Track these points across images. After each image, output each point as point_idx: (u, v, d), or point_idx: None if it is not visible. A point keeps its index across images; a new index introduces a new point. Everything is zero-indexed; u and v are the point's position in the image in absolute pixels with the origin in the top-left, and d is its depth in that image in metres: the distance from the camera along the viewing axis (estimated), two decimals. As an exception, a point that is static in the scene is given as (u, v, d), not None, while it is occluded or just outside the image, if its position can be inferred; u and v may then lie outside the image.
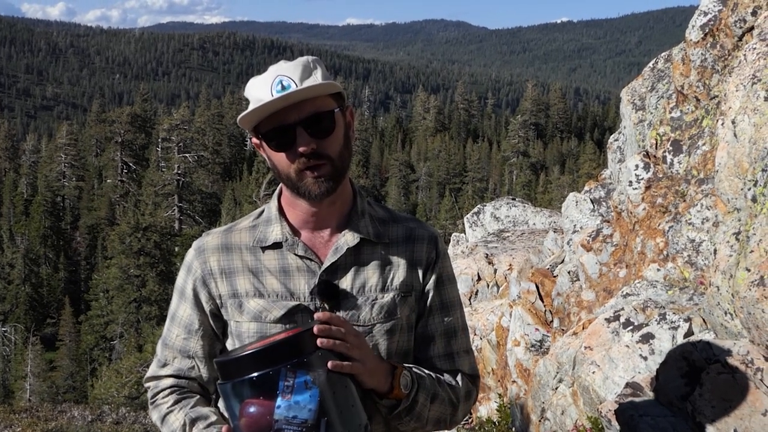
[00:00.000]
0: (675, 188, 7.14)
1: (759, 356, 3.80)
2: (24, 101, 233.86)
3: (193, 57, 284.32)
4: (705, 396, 3.68)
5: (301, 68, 2.58)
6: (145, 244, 54.23)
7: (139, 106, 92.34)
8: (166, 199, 68.22)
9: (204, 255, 2.73)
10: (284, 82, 2.53)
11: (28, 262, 63.95)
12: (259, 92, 2.55)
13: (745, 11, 6.69)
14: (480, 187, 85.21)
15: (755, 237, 4.30)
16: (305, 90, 2.50)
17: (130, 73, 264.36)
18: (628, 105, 8.72)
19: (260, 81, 2.58)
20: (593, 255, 8.10)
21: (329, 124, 2.57)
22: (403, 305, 2.67)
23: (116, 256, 55.15)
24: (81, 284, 67.13)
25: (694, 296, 6.06)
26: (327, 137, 2.56)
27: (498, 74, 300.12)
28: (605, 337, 6.03)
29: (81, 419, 18.37)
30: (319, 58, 2.69)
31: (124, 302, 53.28)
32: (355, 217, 2.70)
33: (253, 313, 2.63)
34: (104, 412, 19.84)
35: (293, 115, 2.53)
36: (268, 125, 2.56)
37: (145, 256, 53.90)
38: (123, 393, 31.78)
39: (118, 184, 75.94)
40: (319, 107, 2.56)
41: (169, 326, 2.78)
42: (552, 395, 6.85)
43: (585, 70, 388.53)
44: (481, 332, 9.99)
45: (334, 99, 2.61)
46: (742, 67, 5.04)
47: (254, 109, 2.50)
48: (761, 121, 4.72)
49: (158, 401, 2.72)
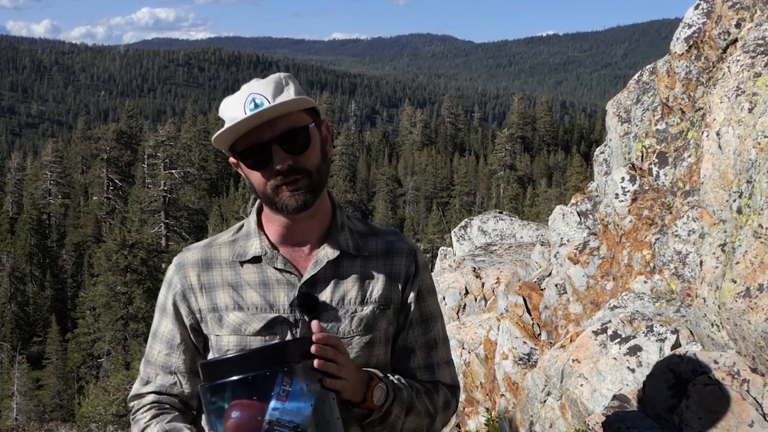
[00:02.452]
0: (661, 200, 7.16)
1: (745, 367, 3.81)
2: (9, 119, 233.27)
3: (178, 73, 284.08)
4: (692, 408, 3.69)
5: (273, 85, 2.59)
6: (131, 261, 54.11)
7: (125, 122, 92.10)
8: (153, 215, 68.10)
9: (184, 270, 2.74)
10: (257, 99, 2.53)
11: (14, 280, 63.71)
12: (232, 112, 2.56)
13: (729, 23, 6.73)
14: (467, 201, 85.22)
15: (741, 248, 4.31)
16: (278, 107, 2.51)
17: (116, 89, 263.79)
18: (613, 117, 8.75)
19: (233, 100, 2.59)
20: (580, 268, 8.11)
21: (304, 139, 2.58)
22: (382, 318, 2.68)
23: (103, 274, 54.99)
24: (67, 302, 66.89)
25: (681, 308, 6.08)
26: (303, 152, 2.58)
27: (484, 88, 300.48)
28: (593, 350, 6.04)
29: (68, 438, 18.31)
30: (306, 72, 2.70)
31: (111, 320, 53.12)
32: (334, 230, 2.71)
33: (232, 326, 2.64)
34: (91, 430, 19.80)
35: (268, 133, 2.54)
36: (244, 144, 2.57)
37: (131, 273, 53.78)
38: (110, 411, 31.66)
39: (104, 201, 75.80)
40: (293, 123, 2.57)
41: (151, 343, 2.78)
42: (540, 408, 6.85)
43: (571, 83, 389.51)
44: (469, 346, 9.98)
45: (308, 114, 2.62)
46: (727, 79, 5.07)
47: (228, 128, 2.52)
48: (745, 132, 4.74)
49: (137, 417, 2.73)
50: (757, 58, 4.93)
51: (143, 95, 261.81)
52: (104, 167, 77.06)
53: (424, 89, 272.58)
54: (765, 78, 4.78)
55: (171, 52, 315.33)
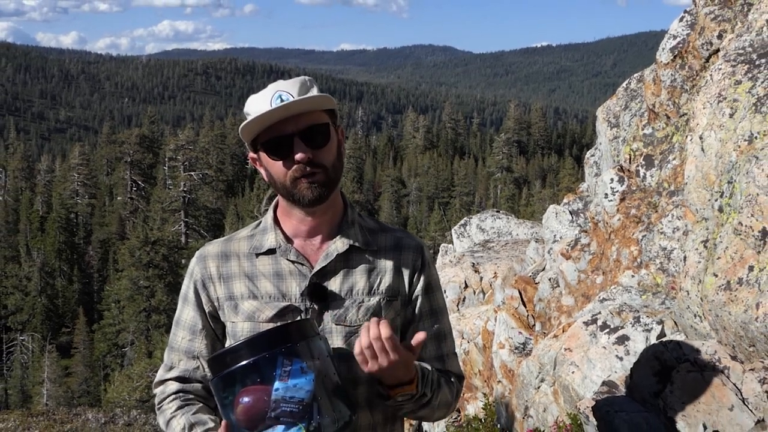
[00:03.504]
0: (647, 200, 7.16)
1: (726, 355, 3.81)
2: (38, 124, 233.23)
3: (197, 81, 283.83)
4: (675, 393, 3.69)
5: (299, 85, 2.61)
6: (153, 257, 54.17)
7: (147, 127, 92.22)
8: (173, 214, 68.11)
9: (204, 261, 2.76)
10: (283, 96, 2.55)
11: (44, 275, 63.79)
12: (259, 106, 2.57)
13: (711, 35, 6.73)
14: (467, 201, 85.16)
15: (722, 245, 4.31)
16: (304, 100, 2.54)
17: (138, 97, 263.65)
18: (603, 123, 8.75)
19: (260, 96, 2.61)
20: (572, 263, 8.11)
21: (324, 136, 2.60)
22: (388, 309, 2.68)
23: (127, 269, 55.06)
24: (94, 295, 66.97)
25: (666, 300, 6.08)
26: (322, 148, 2.59)
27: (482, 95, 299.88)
28: (584, 340, 6.04)
29: (95, 421, 18.33)
30: (316, 81, 2.71)
31: (134, 312, 53.19)
32: (345, 226, 2.72)
33: (246, 313, 2.65)
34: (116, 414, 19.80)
35: (291, 126, 2.55)
36: (267, 135, 2.58)
37: (153, 269, 53.83)
38: (134, 396, 31.69)
39: (127, 201, 75.83)
40: (315, 120, 2.58)
41: (175, 331, 2.79)
42: (534, 394, 6.85)
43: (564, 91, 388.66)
44: (469, 336, 9.98)
45: (328, 116, 2.64)
46: (709, 87, 5.07)
47: (256, 118, 2.53)
48: (726, 136, 4.74)
49: (164, 407, 2.73)
50: (738, 67, 4.93)
51: (164, 102, 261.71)
52: (128, 169, 77.08)
53: (427, 96, 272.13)
54: (745, 85, 4.78)
55: (190, 61, 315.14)
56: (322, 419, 2.28)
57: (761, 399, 3.45)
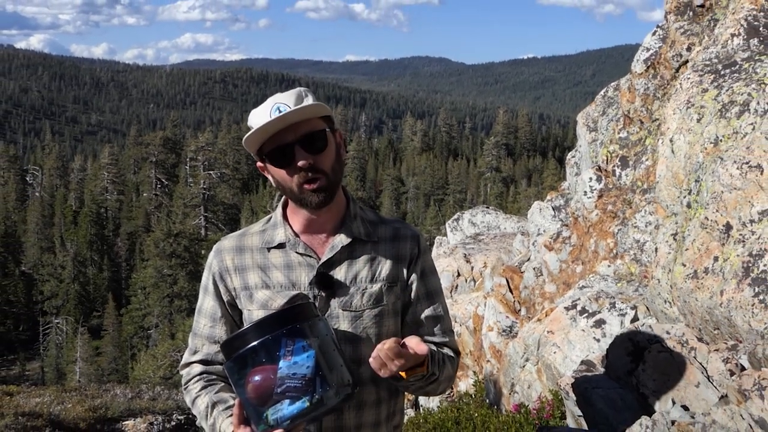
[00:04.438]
0: (623, 197, 7.17)
1: (693, 337, 3.82)
2: (72, 127, 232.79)
3: (215, 89, 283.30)
4: (647, 371, 3.69)
5: (294, 96, 2.60)
6: (176, 248, 54.16)
7: (170, 131, 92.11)
8: (194, 209, 68.08)
9: (221, 255, 2.76)
10: (280, 107, 2.54)
11: (77, 264, 63.86)
12: (259, 119, 2.57)
13: (681, 47, 6.73)
14: (459, 198, 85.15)
15: (690, 237, 4.32)
16: (298, 110, 2.52)
17: (162, 103, 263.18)
18: (583, 127, 8.75)
19: (260, 110, 2.60)
20: (554, 254, 8.12)
21: (322, 141, 2.59)
22: (389, 294, 2.69)
23: (152, 258, 55.08)
24: (122, 282, 66.99)
25: (639, 288, 6.08)
26: (321, 153, 2.58)
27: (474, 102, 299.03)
28: (564, 323, 6.05)
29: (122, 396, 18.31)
30: (323, 89, 2.72)
31: (158, 297, 53.23)
32: (348, 219, 2.72)
33: (261, 301, 2.65)
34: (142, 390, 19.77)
35: (290, 135, 2.54)
36: (270, 145, 2.58)
37: (176, 258, 53.82)
38: (158, 374, 31.69)
39: (152, 197, 75.86)
40: (312, 128, 2.57)
41: (197, 319, 2.80)
42: (520, 372, 6.85)
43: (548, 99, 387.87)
44: (461, 320, 9.99)
45: (325, 122, 2.63)
46: (679, 94, 5.07)
47: (257, 130, 2.52)
48: (694, 139, 4.74)
49: (189, 387, 2.74)
50: (705, 76, 4.93)
51: (186, 108, 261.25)
52: (153, 168, 77.11)
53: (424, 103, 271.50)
54: (711, 93, 4.78)
55: (209, 71, 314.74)
56: (324, 392, 2.29)
57: (725, 377, 3.45)
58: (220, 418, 2.57)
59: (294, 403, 2.27)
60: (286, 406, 2.27)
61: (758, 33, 4.95)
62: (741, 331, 3.79)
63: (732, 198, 4.11)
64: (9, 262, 65.20)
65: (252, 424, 2.34)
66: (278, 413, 2.28)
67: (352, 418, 2.65)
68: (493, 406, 7.68)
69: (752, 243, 3.91)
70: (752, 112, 4.43)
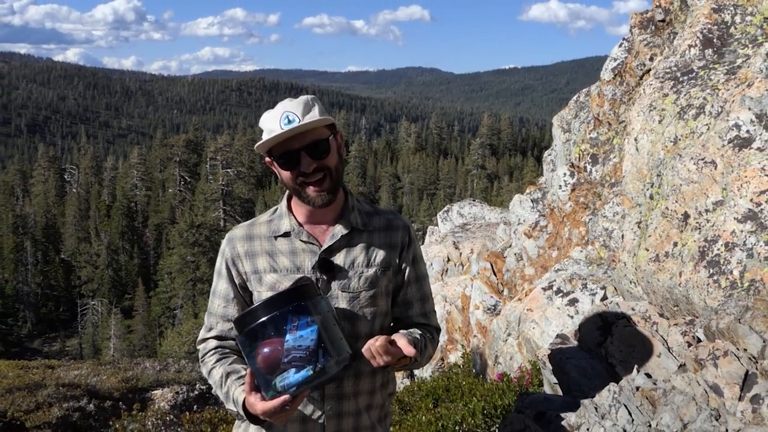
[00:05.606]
0: (593, 190, 7.17)
1: (655, 314, 3.83)
2: (104, 131, 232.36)
3: (232, 97, 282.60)
4: (615, 344, 3.70)
5: (302, 105, 2.59)
6: (198, 237, 54.21)
7: (192, 133, 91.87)
8: (214, 203, 68.07)
9: (233, 242, 2.75)
10: (290, 116, 2.53)
11: (110, 252, 63.90)
12: (270, 124, 2.56)
13: (644, 57, 6.73)
14: (449, 192, 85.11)
15: (652, 225, 4.32)
16: (305, 125, 2.52)
17: (185, 109, 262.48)
18: (558, 129, 8.75)
19: (271, 115, 2.59)
20: (533, 241, 8.12)
21: (325, 148, 2.58)
22: (383, 277, 2.69)
23: (176, 247, 55.14)
24: (150, 268, 67.01)
25: (608, 270, 6.09)
26: (324, 158, 2.58)
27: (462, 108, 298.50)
28: (542, 302, 6.06)
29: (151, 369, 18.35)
30: (328, 96, 2.72)
31: (183, 281, 53.29)
32: (347, 211, 2.72)
33: (269, 284, 2.65)
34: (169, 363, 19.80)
35: (297, 143, 2.55)
36: (279, 150, 2.58)
37: (198, 247, 53.87)
38: (183, 349, 31.77)
39: (177, 193, 75.78)
40: (317, 136, 2.57)
41: (212, 299, 2.79)
42: (503, 345, 6.87)
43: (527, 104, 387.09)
44: (450, 299, 10.00)
45: (328, 128, 2.63)
46: (642, 99, 5.07)
47: (268, 139, 2.53)
48: (656, 138, 4.74)
49: (206, 359, 2.73)
50: (665, 83, 4.93)
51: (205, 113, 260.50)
52: (177, 167, 77.01)
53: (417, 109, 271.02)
54: (671, 98, 4.78)
55: (226, 80, 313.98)
56: (326, 362, 2.30)
57: (683, 348, 3.46)
58: (233, 387, 2.57)
59: (299, 371, 2.28)
60: (292, 374, 2.28)
61: (712, 44, 4.95)
62: (697, 308, 3.80)
63: (689, 190, 4.11)
64: (50, 251, 65.27)
65: (262, 391, 2.36)
66: (285, 381, 2.29)
67: (351, 385, 2.66)
68: (479, 375, 7.70)
69: (707, 230, 3.92)
70: (707, 114, 4.44)
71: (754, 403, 2.72)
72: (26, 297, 60.06)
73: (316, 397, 2.63)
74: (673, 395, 3.03)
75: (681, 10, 6.21)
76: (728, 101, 4.26)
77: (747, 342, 2.91)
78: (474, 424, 5.71)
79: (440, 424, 5.76)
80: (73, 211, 70.86)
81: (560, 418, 3.41)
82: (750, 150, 3.93)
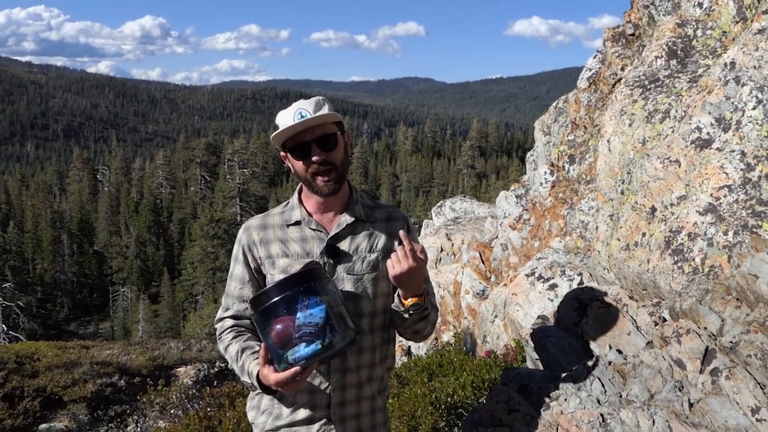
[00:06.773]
0: (571, 187, 7.17)
1: (625, 296, 3.84)
2: (133, 135, 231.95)
3: (247, 104, 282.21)
4: (590, 323, 3.72)
5: (314, 103, 2.62)
6: (217, 231, 54.08)
7: (212, 137, 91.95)
8: (231, 200, 67.87)
9: (249, 231, 2.76)
10: (302, 112, 2.57)
11: (138, 244, 63.91)
12: (285, 119, 2.59)
13: (616, 68, 6.73)
14: (442, 190, 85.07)
15: (623, 218, 4.34)
16: (317, 117, 2.55)
17: (205, 115, 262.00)
18: (539, 132, 8.75)
19: (286, 112, 2.62)
20: (517, 232, 8.13)
21: (333, 142, 2.61)
22: (383, 262, 2.70)
23: (198, 240, 55.03)
24: (174, 259, 66.93)
25: (584, 258, 6.10)
26: (332, 151, 2.61)
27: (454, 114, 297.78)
28: (525, 287, 6.07)
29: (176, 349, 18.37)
30: (333, 103, 2.72)
31: (204, 270, 53.22)
32: (351, 204, 2.74)
33: (281, 267, 2.65)
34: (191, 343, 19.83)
35: (308, 136, 2.57)
36: (292, 142, 2.61)
37: (217, 239, 53.74)
38: (204, 331, 31.74)
39: (198, 191, 75.71)
40: (326, 130, 2.60)
41: (229, 282, 2.79)
42: (490, 326, 6.88)
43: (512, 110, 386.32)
44: (444, 285, 10.01)
45: (336, 126, 2.65)
46: (614, 105, 5.07)
47: (283, 130, 2.56)
48: (626, 140, 4.75)
49: (222, 337, 2.73)
50: (635, 90, 4.94)
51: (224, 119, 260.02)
52: (198, 168, 76.93)
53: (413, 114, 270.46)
54: (640, 103, 4.79)
55: (242, 89, 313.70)
56: (333, 337, 2.31)
57: (650, 327, 3.48)
58: (248, 360, 2.58)
59: (309, 345, 2.29)
60: (302, 348, 2.29)
61: (677, 55, 4.95)
62: (663, 291, 3.82)
63: (656, 186, 4.12)
64: (84, 243, 65.26)
65: (275, 364, 2.37)
66: (296, 354, 2.30)
67: (353, 359, 2.67)
68: (469, 353, 7.72)
69: (672, 222, 3.93)
70: (672, 118, 4.45)
71: (713, 375, 2.73)
72: (63, 285, 60.08)
73: (323, 371, 2.64)
74: (642, 369, 3.04)
75: (649, 25, 6.22)
76: (691, 106, 4.27)
77: (707, 321, 2.92)
78: (464, 395, 5.74)
79: (434, 396, 5.79)
80: (105, 207, 70.83)
81: (541, 389, 3.43)
82: (710, 150, 3.94)
